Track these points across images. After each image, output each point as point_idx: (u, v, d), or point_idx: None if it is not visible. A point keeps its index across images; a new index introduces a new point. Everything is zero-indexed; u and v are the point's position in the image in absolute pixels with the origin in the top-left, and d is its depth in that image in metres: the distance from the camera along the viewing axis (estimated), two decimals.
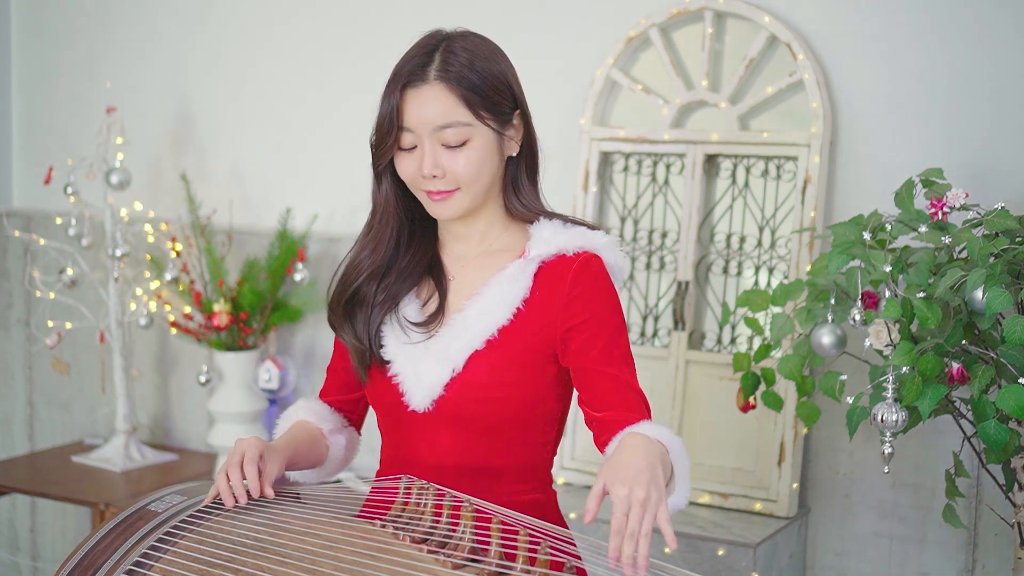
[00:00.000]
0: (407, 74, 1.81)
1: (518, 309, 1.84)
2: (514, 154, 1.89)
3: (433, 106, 1.80)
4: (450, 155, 1.82)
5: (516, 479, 1.88)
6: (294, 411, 2.04)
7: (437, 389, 1.85)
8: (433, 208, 1.86)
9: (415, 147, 1.83)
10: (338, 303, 1.93)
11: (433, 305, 1.91)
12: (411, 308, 1.91)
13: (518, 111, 1.88)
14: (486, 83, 1.82)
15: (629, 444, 1.63)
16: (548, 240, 1.87)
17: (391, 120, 1.81)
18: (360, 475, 2.24)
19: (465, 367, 1.84)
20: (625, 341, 1.85)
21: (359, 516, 1.81)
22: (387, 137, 1.82)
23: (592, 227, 1.91)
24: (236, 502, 1.79)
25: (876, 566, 2.84)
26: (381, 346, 1.90)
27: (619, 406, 1.78)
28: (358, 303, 1.92)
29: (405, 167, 1.84)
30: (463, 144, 1.82)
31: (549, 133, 3.15)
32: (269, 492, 1.81)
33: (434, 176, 1.82)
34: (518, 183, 1.91)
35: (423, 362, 1.86)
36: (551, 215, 1.92)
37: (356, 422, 2.08)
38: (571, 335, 1.82)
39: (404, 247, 1.93)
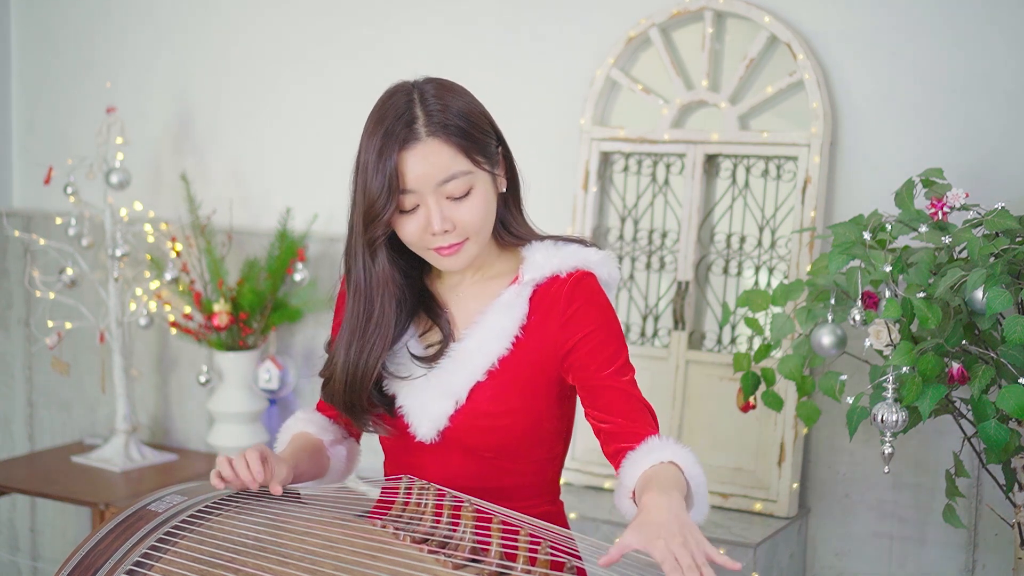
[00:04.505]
0: (398, 136, 1.76)
1: (517, 337, 1.84)
2: (503, 190, 1.88)
3: (432, 162, 1.76)
4: (455, 207, 1.79)
5: (525, 495, 1.89)
6: (293, 423, 2.04)
7: (443, 421, 1.85)
8: (443, 262, 1.83)
9: (416, 207, 1.79)
10: (345, 407, 1.89)
11: (432, 337, 1.90)
12: (412, 341, 1.90)
13: (499, 147, 1.87)
14: (472, 125, 1.79)
15: (653, 502, 1.58)
16: (542, 264, 1.86)
17: (390, 185, 1.75)
18: (361, 476, 2.24)
19: (468, 398, 1.84)
20: (624, 352, 1.86)
21: (367, 518, 1.81)
22: (387, 203, 1.76)
23: (585, 243, 1.90)
24: (227, 483, 1.81)
25: (876, 566, 2.84)
26: (381, 381, 1.89)
27: (625, 415, 1.79)
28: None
29: (408, 229, 1.80)
30: (467, 194, 1.79)
31: (549, 133, 3.17)
32: (277, 489, 1.81)
33: (445, 231, 1.79)
34: (506, 217, 1.90)
35: (427, 394, 1.86)
36: (542, 237, 1.91)
37: (356, 433, 2.08)
38: (572, 353, 1.83)
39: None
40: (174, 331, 3.45)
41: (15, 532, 4.07)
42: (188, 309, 3.40)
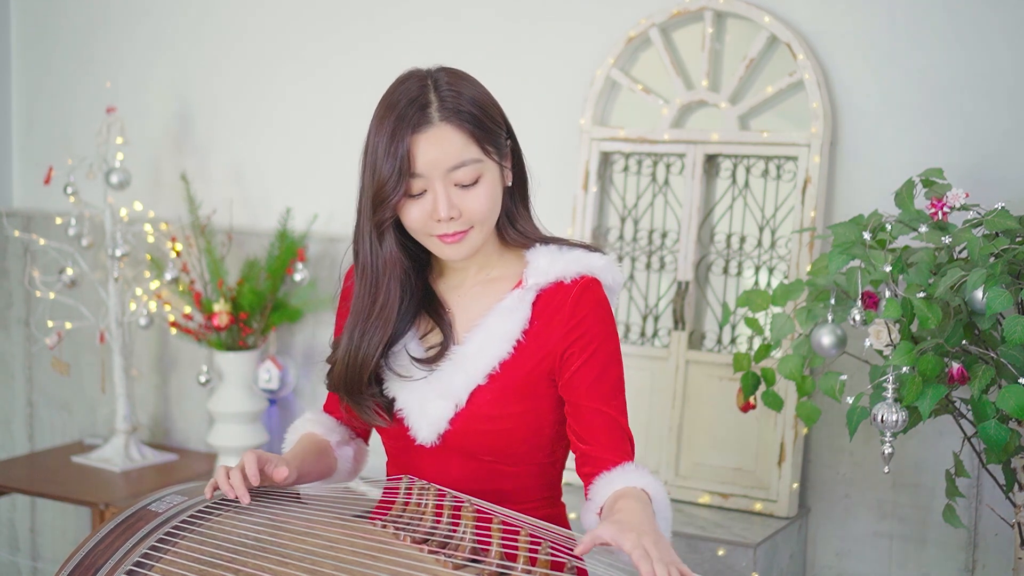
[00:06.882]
0: (411, 120, 1.76)
1: (518, 341, 1.84)
2: (509, 183, 1.87)
3: (444, 147, 1.76)
4: (463, 195, 1.78)
5: (526, 499, 1.89)
6: (301, 424, 2.04)
7: (442, 424, 1.85)
8: (446, 251, 1.82)
9: (423, 192, 1.78)
10: (346, 392, 1.89)
11: (433, 338, 1.89)
12: (412, 343, 1.89)
13: (508, 140, 1.87)
14: (484, 114, 1.80)
15: (629, 507, 1.65)
16: (546, 269, 1.85)
17: (400, 168, 1.75)
18: (362, 476, 2.24)
19: (468, 402, 1.83)
20: (618, 372, 1.85)
21: (368, 519, 1.82)
22: (397, 186, 1.76)
23: (589, 248, 1.89)
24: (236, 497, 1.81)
25: (876, 566, 2.84)
26: (382, 381, 1.89)
27: (604, 443, 1.80)
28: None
29: (414, 214, 1.79)
30: (475, 182, 1.79)
31: (549, 133, 3.17)
32: (279, 475, 1.82)
33: (451, 218, 1.78)
34: (512, 212, 1.89)
35: (427, 397, 1.85)
36: (547, 240, 1.90)
37: (363, 433, 2.08)
38: (566, 365, 1.83)
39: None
40: (174, 331, 3.45)
41: (15, 532, 4.07)
42: (188, 309, 3.40)
